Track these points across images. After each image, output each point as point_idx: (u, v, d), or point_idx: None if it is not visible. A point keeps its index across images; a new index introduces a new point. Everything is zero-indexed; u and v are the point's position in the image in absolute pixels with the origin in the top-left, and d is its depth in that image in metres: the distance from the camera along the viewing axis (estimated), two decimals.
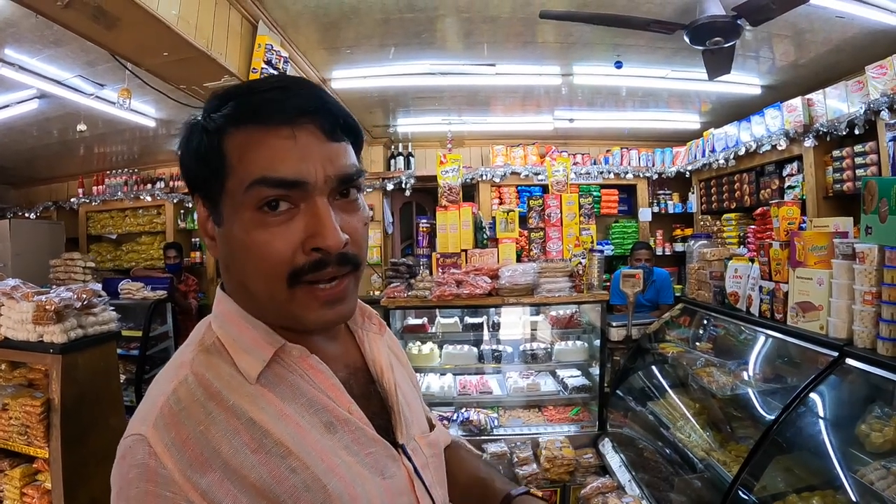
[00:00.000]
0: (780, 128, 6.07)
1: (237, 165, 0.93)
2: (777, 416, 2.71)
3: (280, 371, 1.00)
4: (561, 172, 6.14)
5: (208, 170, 0.96)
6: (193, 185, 1.02)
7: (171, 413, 0.90)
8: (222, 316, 1.05)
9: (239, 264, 0.98)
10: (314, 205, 0.94)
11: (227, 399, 0.93)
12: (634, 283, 4.90)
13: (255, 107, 0.94)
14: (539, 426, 4.89)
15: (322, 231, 0.93)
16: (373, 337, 1.24)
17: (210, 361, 0.98)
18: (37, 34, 4.80)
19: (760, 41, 5.51)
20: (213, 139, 0.95)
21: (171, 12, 3.49)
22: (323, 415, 1.00)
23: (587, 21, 4.52)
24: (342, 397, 1.04)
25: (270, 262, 0.93)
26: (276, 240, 0.92)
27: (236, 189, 0.93)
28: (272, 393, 0.97)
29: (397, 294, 4.88)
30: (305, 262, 0.94)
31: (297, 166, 0.92)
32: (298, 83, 1.00)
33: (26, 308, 3.70)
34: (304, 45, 5.46)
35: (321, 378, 1.03)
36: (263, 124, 0.93)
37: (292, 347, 1.02)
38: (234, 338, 1.01)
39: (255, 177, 0.91)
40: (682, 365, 4.02)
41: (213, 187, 0.97)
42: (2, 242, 8.75)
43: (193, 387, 0.93)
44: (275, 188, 0.92)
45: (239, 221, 0.94)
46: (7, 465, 3.86)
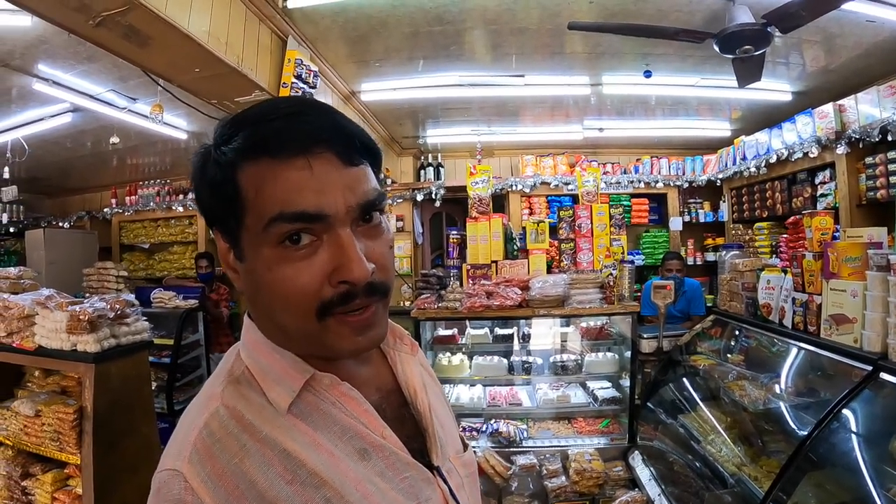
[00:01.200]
0: (811, 135, 6.00)
1: (254, 201, 0.90)
2: (810, 432, 2.67)
3: (311, 400, 0.98)
4: (591, 183, 6.11)
5: (224, 205, 0.93)
6: (211, 219, 0.99)
7: (204, 447, 0.88)
8: (250, 345, 1.03)
9: (265, 300, 0.96)
10: (337, 236, 0.91)
11: (260, 430, 0.91)
12: (665, 294, 4.86)
13: (265, 138, 0.90)
14: (569, 438, 4.85)
15: (347, 264, 0.90)
16: (405, 357, 1.21)
17: (240, 392, 0.97)
18: (69, 50, 4.87)
19: (790, 47, 5.46)
20: (226, 173, 0.92)
21: (201, 30, 3.52)
22: (356, 442, 0.98)
23: (615, 32, 4.50)
24: (375, 422, 1.01)
25: (297, 298, 0.90)
26: (301, 275, 0.90)
27: (255, 226, 0.91)
28: (304, 423, 0.95)
29: (427, 305, 4.87)
30: (333, 295, 0.91)
31: (317, 199, 0.89)
32: (309, 107, 0.96)
33: (60, 317, 3.73)
34: (333, 59, 5.49)
35: (353, 404, 1.01)
36: (276, 157, 0.89)
37: (323, 376, 0.99)
38: (263, 368, 0.99)
39: (272, 213, 0.88)
40: (714, 378, 3.97)
41: (230, 222, 0.95)
42: (36, 251, 8.92)
43: (225, 419, 0.92)
44: (294, 223, 0.88)
45: (261, 258, 0.92)
46: (39, 470, 3.89)
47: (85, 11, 3.12)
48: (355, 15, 4.62)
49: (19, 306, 4.00)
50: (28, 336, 3.93)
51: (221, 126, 0.96)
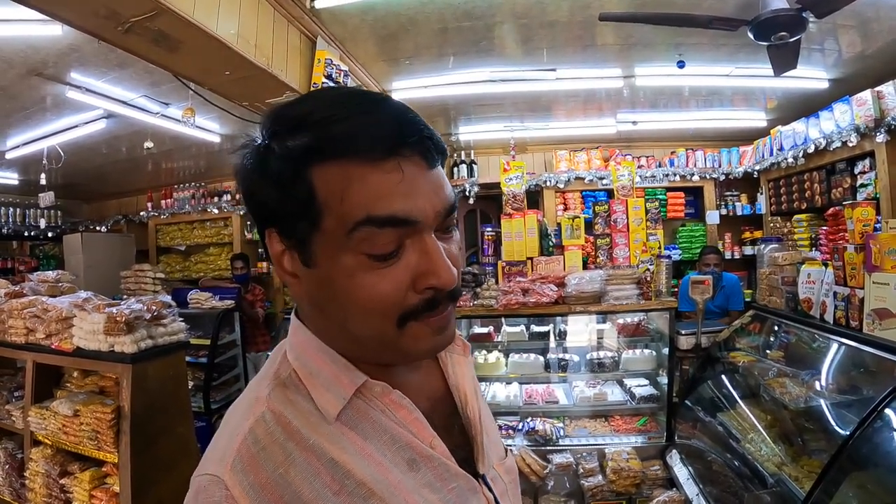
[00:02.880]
0: (849, 123, 5.88)
1: (337, 204, 0.84)
2: (852, 431, 2.61)
3: (361, 407, 0.95)
4: (626, 177, 6.05)
5: (294, 205, 0.87)
6: (267, 219, 0.93)
7: (249, 454, 0.85)
8: (299, 347, 0.99)
9: (339, 309, 0.91)
10: (423, 242, 0.88)
11: (308, 438, 0.88)
12: (704, 289, 4.80)
13: (349, 136, 0.85)
14: (605, 436, 4.82)
15: (437, 270, 0.87)
16: (457, 360, 1.18)
17: (287, 397, 0.93)
18: (101, 58, 4.92)
19: (825, 33, 5.33)
20: (297, 171, 0.85)
21: (230, 32, 3.54)
22: (406, 452, 0.95)
23: (647, 21, 4.43)
24: (425, 432, 0.99)
25: (380, 307, 0.87)
26: (384, 282, 0.86)
27: (335, 229, 0.85)
28: (353, 431, 0.93)
29: (463, 303, 4.87)
30: (419, 302, 0.89)
31: (407, 203, 0.85)
32: (383, 103, 0.90)
33: (98, 319, 3.78)
34: (363, 58, 5.49)
35: (403, 413, 0.98)
36: (362, 158, 0.84)
37: (374, 384, 0.96)
38: (312, 371, 0.95)
39: (360, 217, 0.83)
40: (754, 375, 3.92)
41: (298, 224, 0.88)
42: (74, 255, 9.04)
43: (272, 425, 0.88)
44: (383, 227, 0.84)
45: (340, 265, 0.87)
46: (77, 469, 3.95)
47: (114, 18, 3.15)
48: (384, 13, 4.61)
49: (57, 309, 4.07)
50: (66, 338, 4.00)
51: (276, 119, 0.90)
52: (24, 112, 6.36)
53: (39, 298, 4.31)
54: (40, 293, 4.57)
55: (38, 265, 10.25)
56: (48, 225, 10.16)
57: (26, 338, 4.21)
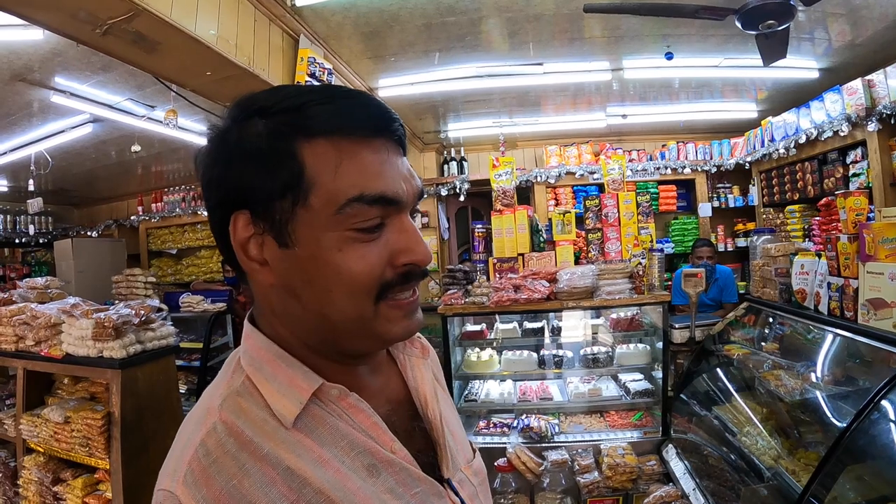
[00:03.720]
0: (840, 112, 5.83)
1: (329, 181, 0.85)
2: (849, 423, 2.57)
3: (318, 413, 0.93)
4: (616, 170, 6.03)
5: (276, 183, 0.86)
6: (239, 200, 0.89)
7: (200, 467, 0.83)
8: (254, 352, 0.96)
9: (318, 291, 0.89)
10: (402, 221, 0.92)
11: (262, 447, 0.85)
12: (696, 282, 4.78)
13: (339, 114, 0.87)
14: (601, 432, 4.81)
15: (414, 247, 0.92)
16: (416, 362, 1.17)
17: (240, 405, 0.90)
18: (84, 62, 4.89)
19: (814, 21, 5.29)
20: (285, 147, 0.85)
21: (209, 32, 3.50)
22: (365, 457, 0.93)
23: (633, 12, 4.38)
24: (384, 436, 0.96)
25: (364, 280, 0.88)
26: (368, 257, 0.88)
27: (323, 206, 0.85)
28: (310, 437, 0.90)
29: (454, 301, 4.87)
30: (394, 276, 0.91)
31: (393, 183, 0.89)
32: (360, 92, 0.93)
33: (86, 325, 3.78)
34: (347, 56, 5.44)
35: (362, 417, 0.96)
36: (354, 135, 0.87)
37: (331, 387, 0.94)
38: (268, 377, 0.93)
39: (353, 194, 0.85)
40: (749, 367, 3.89)
41: (276, 204, 0.86)
42: (65, 261, 8.98)
43: (223, 436, 0.86)
44: (373, 205, 0.87)
45: (325, 241, 0.86)
46: (69, 476, 3.95)
47: (91, 21, 3.12)
48: (366, 10, 4.58)
49: (46, 315, 4.05)
50: (55, 344, 3.99)
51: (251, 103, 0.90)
52: (10, 118, 6.31)
53: (28, 305, 4.27)
54: (29, 300, 4.55)
55: (31, 272, 10.16)
56: (38, 231, 10.11)
57: (16, 345, 4.19)
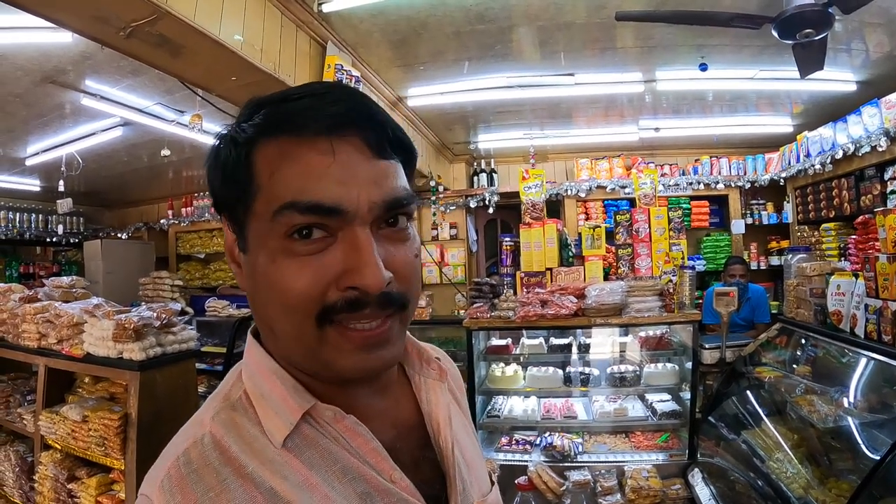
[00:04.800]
0: (879, 126, 5.66)
1: (266, 184, 0.81)
2: (885, 454, 2.47)
3: (311, 434, 0.87)
4: (648, 185, 5.93)
5: (234, 187, 0.84)
6: (219, 204, 0.90)
7: (178, 475, 0.80)
8: (253, 366, 0.93)
9: (263, 299, 0.86)
10: (353, 235, 0.81)
11: (246, 465, 0.81)
12: (729, 301, 4.68)
13: (288, 113, 0.82)
14: (625, 453, 4.72)
15: (361, 268, 0.79)
16: (432, 385, 1.07)
17: (233, 420, 0.86)
18: (113, 65, 4.91)
19: (851, 32, 5.14)
20: (241, 152, 0.83)
21: (234, 37, 3.48)
22: (359, 484, 0.86)
23: (666, 20, 4.30)
24: (384, 463, 0.89)
25: (298, 298, 0.80)
26: (305, 272, 0.79)
27: (263, 212, 0.81)
28: (299, 459, 0.84)
29: (480, 315, 4.83)
30: (338, 300, 0.80)
31: (336, 190, 0.79)
32: (341, 88, 0.88)
33: (107, 326, 3.80)
34: (376, 64, 5.40)
35: (359, 442, 0.89)
36: (297, 134, 0.81)
37: (325, 409, 0.88)
38: (263, 393, 0.88)
39: (284, 200, 0.79)
40: (780, 391, 3.79)
41: (238, 208, 0.85)
42: (94, 261, 9.09)
43: (208, 449, 0.82)
44: (307, 214, 0.79)
45: (265, 249, 0.82)
46: (84, 474, 3.97)
47: (114, 23, 3.11)
48: (394, 17, 4.53)
49: (69, 314, 4.10)
50: (77, 343, 4.02)
51: (246, 105, 0.88)
52: (42, 119, 6.38)
53: (52, 304, 4.33)
54: (54, 298, 4.59)
55: (60, 271, 10.34)
56: (67, 231, 10.23)
57: (39, 342, 4.26)
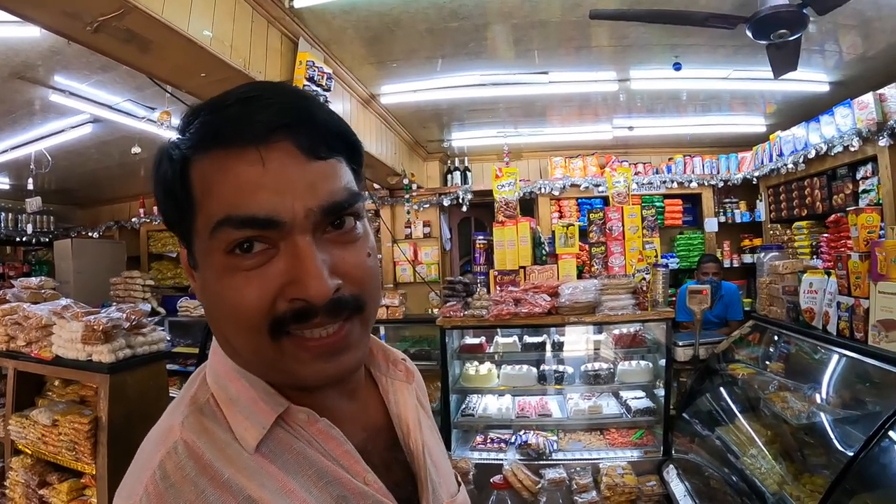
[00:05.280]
0: (851, 127, 5.72)
1: (203, 201, 0.79)
2: (858, 450, 2.48)
3: (284, 438, 0.85)
4: (622, 183, 5.94)
5: (175, 205, 0.82)
6: (167, 222, 0.88)
7: (157, 493, 0.75)
8: (218, 369, 0.90)
9: (216, 315, 0.84)
10: (294, 245, 0.78)
11: (222, 473, 0.77)
12: (702, 299, 4.71)
13: (217, 126, 0.79)
14: (600, 450, 4.73)
15: (304, 279, 0.77)
16: (399, 386, 1.07)
17: (203, 425, 0.83)
18: (83, 61, 4.82)
19: (825, 34, 5.18)
20: (176, 169, 0.81)
21: (203, 33, 3.42)
22: (334, 488, 0.84)
23: (640, 19, 4.28)
24: (357, 466, 0.88)
25: (246, 314, 0.78)
26: (249, 287, 0.77)
27: (203, 230, 0.79)
28: (274, 465, 0.82)
29: (453, 313, 4.82)
30: (287, 311, 0.78)
31: (270, 200, 0.76)
32: (270, 90, 0.84)
33: (76, 328, 3.77)
34: (349, 61, 5.35)
35: (333, 445, 0.87)
36: (226, 148, 0.78)
37: (298, 410, 0.86)
38: (231, 397, 0.86)
39: (219, 217, 0.76)
40: (754, 388, 3.81)
41: (182, 225, 0.83)
42: (65, 261, 8.99)
43: (183, 458, 0.78)
44: (242, 229, 0.76)
45: (210, 267, 0.80)
46: (56, 479, 3.94)
47: (81, 17, 3.04)
48: (367, 14, 4.48)
49: (38, 316, 4.08)
50: (46, 346, 4.01)
51: (183, 116, 0.85)
52: (10, 116, 6.27)
53: (21, 305, 4.29)
54: (23, 300, 4.54)
55: (31, 270, 10.18)
56: (37, 230, 10.05)
57: (7, 345, 4.21)
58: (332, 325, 0.81)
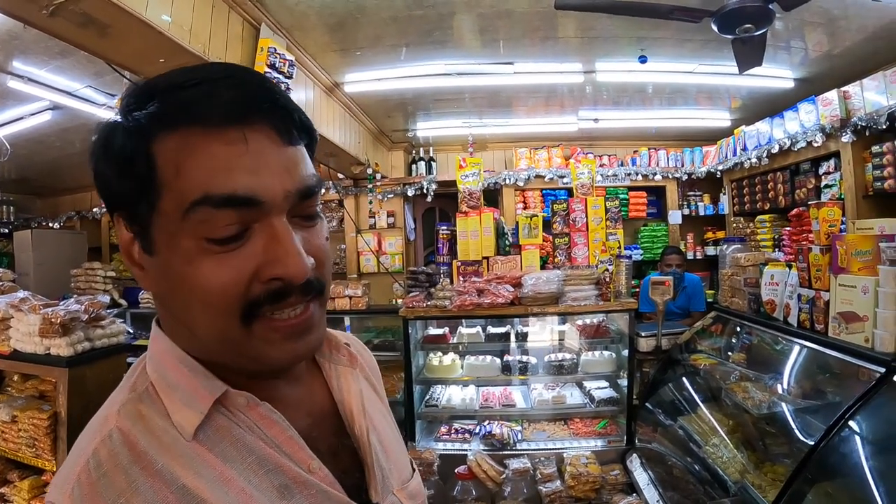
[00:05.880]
0: (815, 123, 5.76)
1: (173, 180, 0.76)
2: (818, 439, 2.50)
3: (224, 424, 0.83)
4: (586, 175, 5.94)
5: (133, 184, 0.78)
6: (112, 204, 0.83)
7: (89, 481, 0.73)
8: (158, 357, 0.87)
9: (180, 302, 0.81)
10: (271, 226, 0.78)
11: (156, 462, 0.76)
12: (664, 290, 4.72)
13: (191, 102, 0.77)
14: (565, 440, 4.74)
15: (284, 259, 0.78)
16: (343, 371, 1.05)
17: (140, 413, 0.81)
18: (41, 45, 4.71)
19: (792, 31, 5.21)
20: (138, 145, 0.77)
21: (161, 17, 3.35)
22: (276, 476, 0.82)
23: (606, 11, 4.24)
24: (301, 453, 0.86)
25: (220, 297, 0.77)
26: (224, 270, 0.76)
27: (173, 210, 0.76)
28: (212, 453, 0.80)
29: (416, 304, 4.82)
30: (262, 293, 0.78)
31: (251, 180, 0.76)
32: (243, 71, 0.83)
33: (33, 321, 3.68)
34: (313, 49, 5.26)
35: (275, 431, 0.85)
36: (204, 125, 0.76)
37: (237, 395, 0.84)
38: (171, 384, 0.83)
39: (196, 196, 0.74)
40: (715, 378, 3.83)
41: (139, 206, 0.79)
42: (24, 252, 8.81)
43: (117, 446, 0.76)
44: (221, 208, 0.75)
45: (178, 250, 0.77)
46: (16, 477, 3.85)
47: (37, 1, 2.96)
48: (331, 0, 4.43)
49: None
50: (3, 340, 3.90)
51: (132, 92, 0.81)
52: None
53: None
54: None
55: None
56: None
57: None
58: (301, 305, 0.82)
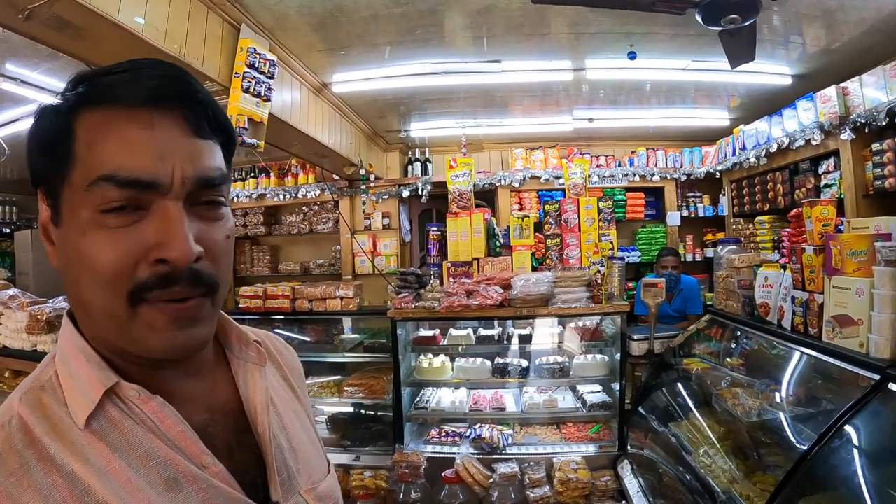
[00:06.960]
0: (813, 121, 5.64)
1: (85, 154, 0.80)
2: (809, 448, 2.41)
3: (116, 416, 0.84)
4: (578, 175, 5.87)
5: (52, 157, 0.83)
6: (36, 178, 0.88)
7: None
8: (63, 346, 0.90)
9: (74, 274, 0.83)
10: (164, 208, 0.81)
11: (48, 447, 0.78)
12: (656, 292, 4.64)
13: (113, 84, 0.82)
14: (556, 445, 4.71)
15: (169, 241, 0.80)
16: (250, 368, 1.04)
17: (40, 401, 0.84)
18: (31, 48, 4.67)
19: (788, 25, 5.08)
20: (62, 121, 0.82)
21: (134, 20, 3.34)
22: (165, 469, 0.83)
23: (586, 4, 4.11)
24: (193, 447, 0.87)
25: (108, 272, 0.79)
26: (114, 246, 0.79)
27: (79, 183, 0.80)
28: (102, 442, 0.81)
29: (405, 305, 4.80)
30: (149, 276, 0.80)
31: (153, 164, 0.80)
32: (167, 65, 0.87)
33: (21, 318, 3.82)
34: (297, 49, 5.18)
35: (167, 424, 0.86)
36: (117, 105, 0.81)
37: (129, 388, 0.85)
38: (71, 373, 0.86)
39: (100, 173, 0.78)
40: (707, 384, 3.76)
41: (55, 178, 0.83)
42: (24, 252, 8.89)
43: (14, 431, 0.79)
44: (124, 188, 0.78)
45: (76, 221, 0.81)
46: None
47: (13, 4, 2.97)
48: None
49: None
50: None
51: (70, 79, 0.87)
52: None
53: None
54: None
55: None
56: None
57: None
58: (191, 297, 0.83)
